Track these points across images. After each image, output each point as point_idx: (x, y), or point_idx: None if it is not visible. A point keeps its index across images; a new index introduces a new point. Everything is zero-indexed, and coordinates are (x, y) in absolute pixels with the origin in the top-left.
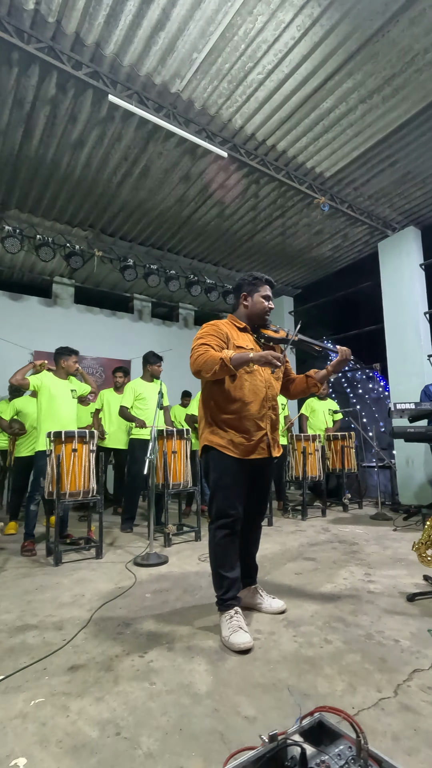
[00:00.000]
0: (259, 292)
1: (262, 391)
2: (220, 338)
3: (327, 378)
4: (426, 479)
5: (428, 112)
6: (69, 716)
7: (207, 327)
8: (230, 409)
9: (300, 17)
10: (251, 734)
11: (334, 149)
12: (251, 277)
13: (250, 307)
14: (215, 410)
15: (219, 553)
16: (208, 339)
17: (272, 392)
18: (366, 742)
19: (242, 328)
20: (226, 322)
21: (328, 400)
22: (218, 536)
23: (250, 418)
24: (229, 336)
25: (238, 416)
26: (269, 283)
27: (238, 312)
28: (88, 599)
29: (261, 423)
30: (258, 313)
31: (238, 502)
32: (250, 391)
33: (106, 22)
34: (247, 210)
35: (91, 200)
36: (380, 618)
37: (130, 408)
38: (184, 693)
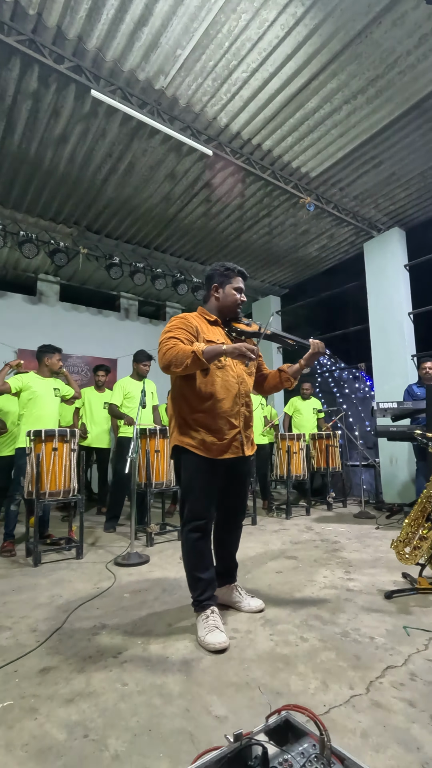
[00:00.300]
0: (231, 283)
1: (234, 387)
2: (189, 331)
3: (300, 372)
4: (409, 478)
5: (411, 114)
6: (37, 719)
7: (175, 320)
8: (201, 406)
9: (284, 16)
10: (221, 734)
11: (319, 149)
12: (223, 267)
13: (221, 300)
14: (185, 408)
15: (192, 556)
16: (176, 332)
17: (245, 388)
18: (329, 739)
19: (212, 321)
20: (195, 315)
21: (312, 399)
22: (191, 539)
23: (221, 416)
24: (198, 329)
25: (210, 414)
26: (241, 275)
27: (209, 304)
28: (66, 600)
29: (234, 420)
30: (229, 306)
31: (210, 504)
32: (222, 387)
33: (88, 15)
34: (234, 209)
35: (75, 197)
36: (357, 616)
37: (120, 405)
38: (156, 693)
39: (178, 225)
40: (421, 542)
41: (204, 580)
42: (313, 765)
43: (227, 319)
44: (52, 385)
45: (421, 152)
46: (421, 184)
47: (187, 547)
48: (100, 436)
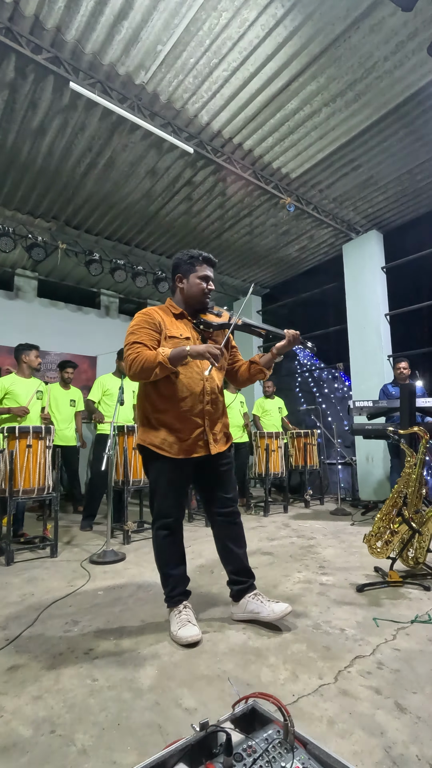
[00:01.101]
0: (195, 272)
1: (198, 385)
2: (152, 329)
3: (272, 361)
4: (384, 475)
5: (389, 119)
6: (3, 716)
7: (138, 317)
8: (162, 406)
9: (264, 17)
10: (189, 725)
11: (299, 150)
12: (187, 256)
13: (186, 290)
14: (148, 407)
15: (161, 553)
16: (140, 335)
17: (211, 385)
18: (293, 725)
19: (178, 315)
20: (160, 308)
21: (275, 398)
22: (159, 536)
23: (183, 415)
24: (162, 324)
25: (172, 413)
26: (208, 262)
27: (176, 296)
28: (38, 598)
29: (197, 419)
30: (195, 296)
31: (177, 503)
32: (184, 385)
33: (66, 6)
34: (215, 208)
35: (54, 191)
36: (329, 609)
37: (97, 402)
38: (126, 688)
39: (159, 222)
40: (392, 536)
41: (174, 576)
42: (276, 750)
43: (194, 310)
44: (34, 386)
45: (397, 157)
46: (398, 188)
47: (156, 545)
48: (67, 434)
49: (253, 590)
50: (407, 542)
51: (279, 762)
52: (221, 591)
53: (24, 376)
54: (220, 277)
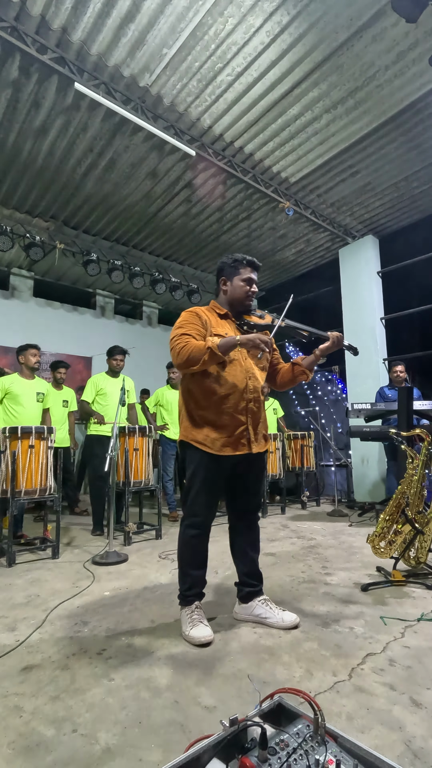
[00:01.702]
0: (239, 275)
1: (242, 383)
2: (199, 325)
3: (315, 363)
4: (379, 477)
5: (387, 126)
6: (22, 716)
7: (185, 314)
8: (207, 402)
9: (269, 23)
10: (211, 723)
11: (299, 155)
12: (231, 259)
13: (230, 292)
14: (191, 404)
15: (186, 551)
16: (187, 328)
17: (254, 383)
18: (323, 719)
19: (223, 315)
20: (206, 308)
21: (270, 399)
22: (188, 534)
23: (227, 412)
24: (208, 323)
25: (216, 410)
26: (252, 265)
27: (219, 298)
28: (44, 599)
29: (241, 417)
30: (238, 298)
31: (212, 502)
32: (229, 382)
33: (73, 7)
34: (214, 210)
35: (53, 190)
36: (336, 607)
37: (91, 403)
38: (143, 687)
39: (157, 224)
40: (395, 536)
41: (193, 576)
42: (308, 744)
43: (238, 312)
44: (35, 388)
45: (395, 164)
46: (394, 195)
47: (182, 542)
48: (60, 434)
49: (261, 595)
50: (410, 542)
51: (312, 755)
52: (228, 591)
53: (25, 377)
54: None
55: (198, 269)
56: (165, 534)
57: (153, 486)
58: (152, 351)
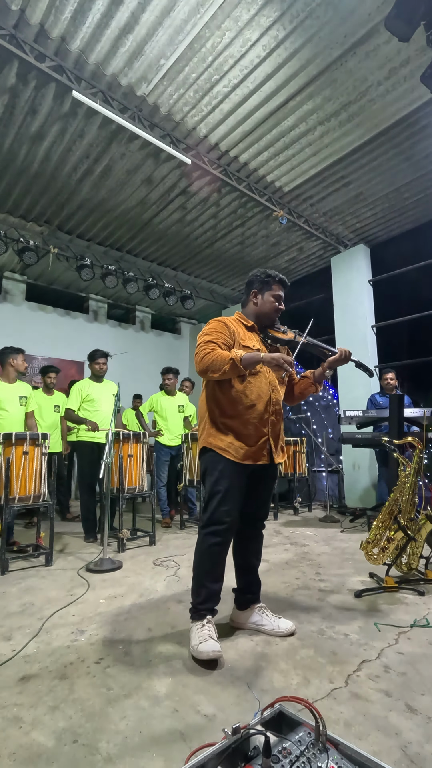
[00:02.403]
0: (271, 290)
1: (266, 395)
2: (226, 335)
3: (323, 376)
4: (370, 483)
5: (379, 139)
6: (22, 727)
7: (213, 323)
8: (232, 411)
9: (266, 38)
10: (211, 731)
11: (293, 165)
12: (264, 274)
13: (260, 306)
14: (216, 411)
15: (206, 561)
16: (214, 336)
17: (276, 396)
18: (324, 727)
19: (250, 327)
20: (233, 319)
21: None
22: (208, 542)
23: (252, 422)
24: (236, 334)
25: (240, 419)
26: (282, 283)
27: (247, 309)
28: (39, 607)
29: (263, 428)
30: (267, 313)
31: (233, 509)
32: (254, 393)
33: (72, 17)
34: (208, 217)
35: (48, 196)
36: (331, 614)
37: (77, 410)
38: (142, 696)
39: (152, 230)
40: (388, 543)
41: (210, 589)
42: (310, 751)
43: (263, 325)
44: (18, 392)
45: (386, 175)
46: (385, 205)
47: (202, 550)
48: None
49: (259, 602)
50: (402, 549)
51: (315, 762)
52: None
53: (8, 381)
54: (211, 285)
55: (192, 275)
56: (158, 540)
57: (147, 492)
58: (145, 356)
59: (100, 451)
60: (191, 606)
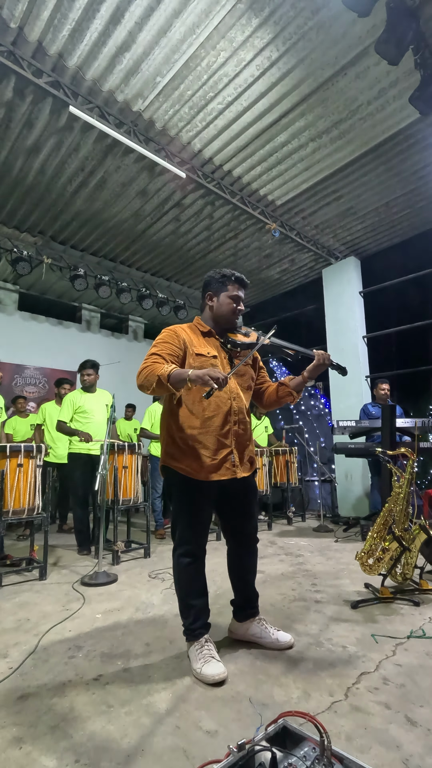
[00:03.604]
0: (226, 291)
1: (226, 404)
2: (175, 345)
3: (303, 385)
4: (363, 492)
5: (369, 156)
6: (22, 748)
7: (164, 333)
8: (189, 424)
9: (259, 58)
10: (214, 748)
11: (285, 180)
12: (219, 274)
13: (216, 309)
14: (173, 427)
15: (183, 581)
16: (160, 348)
17: (239, 404)
18: (329, 741)
19: (206, 333)
20: (188, 326)
21: (263, 418)
22: (182, 564)
23: (211, 435)
24: (187, 342)
25: (199, 432)
26: (240, 282)
27: (204, 314)
28: (34, 623)
29: (225, 440)
30: (224, 315)
31: (202, 528)
32: (212, 404)
33: (70, 35)
34: (202, 229)
35: (43, 207)
36: (328, 626)
37: (69, 422)
38: (143, 713)
39: (146, 241)
40: (383, 554)
41: (196, 607)
42: (316, 766)
43: (223, 329)
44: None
45: (376, 190)
46: (375, 219)
47: (178, 572)
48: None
49: (257, 615)
50: (397, 559)
51: None
52: (220, 611)
53: None
54: None
55: (185, 285)
56: (153, 552)
57: (141, 504)
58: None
59: (93, 462)
60: (184, 629)
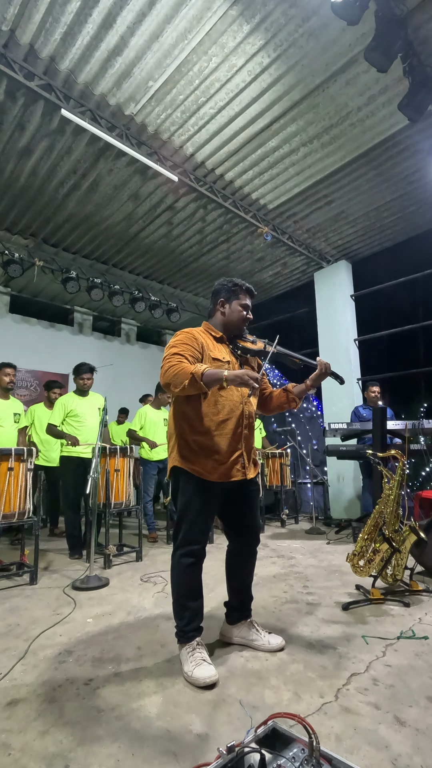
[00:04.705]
0: (238, 299)
1: (238, 408)
2: (195, 348)
3: (305, 393)
4: (355, 494)
5: (359, 161)
6: (11, 754)
7: (181, 335)
8: (203, 427)
9: (251, 64)
10: (204, 751)
11: (277, 184)
12: (231, 283)
13: (227, 315)
14: (186, 428)
15: (183, 582)
16: (181, 348)
17: (249, 408)
18: (318, 742)
19: (218, 338)
20: (201, 330)
21: (257, 421)
22: (183, 564)
23: (224, 438)
24: (204, 346)
25: (212, 435)
26: (249, 292)
27: (214, 319)
28: (24, 628)
29: (237, 443)
30: (234, 323)
31: (207, 529)
32: (225, 407)
33: (62, 39)
34: (194, 233)
35: (34, 209)
36: (319, 628)
37: (60, 425)
38: (134, 717)
39: (138, 244)
40: (374, 555)
41: (192, 609)
42: (305, 767)
43: (232, 336)
44: (12, 409)
45: (366, 195)
46: (366, 223)
47: (178, 572)
48: (52, 455)
49: (250, 617)
50: (387, 560)
51: None
52: (211, 614)
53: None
54: (196, 299)
55: (177, 288)
56: (146, 556)
57: (133, 507)
58: (130, 368)
59: (85, 465)
60: (177, 630)
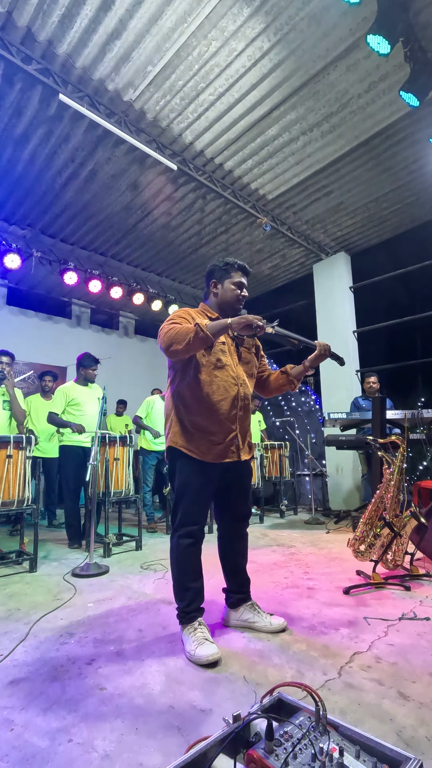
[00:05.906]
0: (230, 278)
1: (233, 389)
2: (190, 322)
3: (304, 374)
4: (353, 485)
5: (359, 150)
6: (14, 729)
7: (179, 311)
8: (198, 408)
9: (251, 48)
10: (208, 726)
11: (276, 174)
12: (222, 262)
13: (220, 295)
14: (182, 409)
15: (182, 563)
16: (179, 321)
17: (245, 390)
18: (325, 710)
19: (214, 319)
20: (196, 311)
21: (256, 413)
22: (182, 545)
23: (219, 419)
24: None
25: (207, 416)
26: (242, 270)
27: (209, 301)
28: (25, 613)
29: (231, 424)
30: (229, 302)
31: (204, 510)
32: (221, 388)
33: (60, 21)
34: (193, 223)
35: (32, 199)
36: (321, 610)
37: (61, 414)
38: (137, 694)
39: (137, 235)
40: (374, 540)
41: (192, 589)
42: (311, 734)
43: (228, 316)
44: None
45: (366, 186)
46: (365, 214)
47: (177, 554)
48: (47, 445)
49: (250, 600)
50: (388, 545)
51: (317, 744)
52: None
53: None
54: (194, 291)
55: (176, 281)
56: (145, 545)
57: (133, 496)
58: (128, 361)
59: (86, 455)
60: (178, 611)
